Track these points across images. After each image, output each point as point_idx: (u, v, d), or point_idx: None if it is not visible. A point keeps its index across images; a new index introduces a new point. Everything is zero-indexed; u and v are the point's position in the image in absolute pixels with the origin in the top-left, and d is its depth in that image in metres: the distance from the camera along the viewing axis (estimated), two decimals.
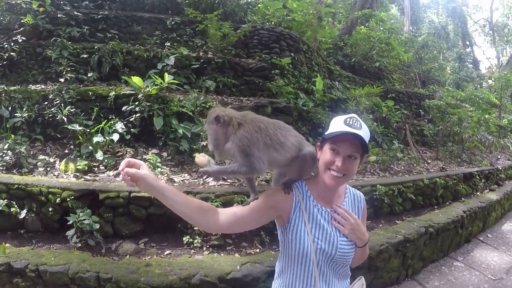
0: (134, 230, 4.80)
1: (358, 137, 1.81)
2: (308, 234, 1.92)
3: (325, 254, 1.94)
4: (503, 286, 5.49)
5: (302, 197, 2.00)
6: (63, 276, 3.82)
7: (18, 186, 4.82)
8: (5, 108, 6.31)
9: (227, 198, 4.93)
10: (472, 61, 31.96)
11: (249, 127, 2.06)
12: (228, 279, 3.95)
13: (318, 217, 1.97)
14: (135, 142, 6.25)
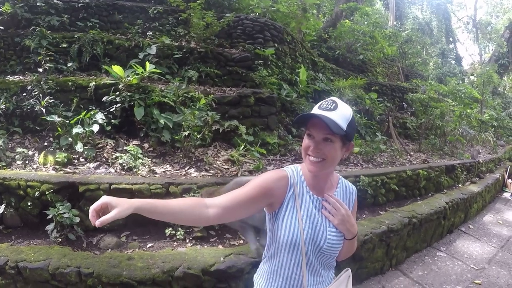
0: (116, 223, 4.69)
1: (326, 119, 1.71)
2: (299, 222, 1.86)
3: (313, 244, 1.89)
4: (485, 275, 5.58)
5: (296, 182, 1.93)
6: (43, 272, 3.73)
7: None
8: None
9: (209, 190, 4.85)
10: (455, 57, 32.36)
11: None
12: (212, 271, 3.90)
13: (310, 205, 1.92)
14: (116, 133, 6.11)
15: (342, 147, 1.82)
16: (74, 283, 3.73)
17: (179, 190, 4.77)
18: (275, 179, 1.89)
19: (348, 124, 1.77)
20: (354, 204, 2.11)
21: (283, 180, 1.90)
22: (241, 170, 5.55)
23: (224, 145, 6.39)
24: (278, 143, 6.76)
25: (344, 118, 1.76)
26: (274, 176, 1.90)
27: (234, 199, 1.81)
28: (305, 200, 1.92)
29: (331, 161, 1.81)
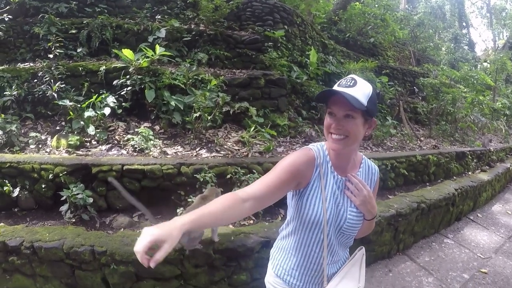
0: (128, 204, 4.68)
1: (346, 95, 1.69)
2: (323, 201, 1.88)
3: (334, 224, 1.93)
4: (491, 264, 5.52)
5: (322, 162, 1.92)
6: (58, 251, 3.75)
7: (10, 164, 4.70)
8: None
9: (220, 170, 4.86)
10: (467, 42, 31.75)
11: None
12: (222, 249, 3.93)
13: (334, 185, 1.93)
14: (127, 116, 6.11)
15: (364, 124, 1.80)
16: (88, 262, 3.76)
17: (190, 170, 4.76)
18: (303, 161, 1.88)
19: (368, 99, 1.74)
20: (376, 185, 2.11)
21: (311, 161, 1.90)
22: (251, 151, 5.52)
23: (234, 126, 6.35)
24: (288, 125, 6.70)
25: (364, 94, 1.74)
26: (302, 158, 1.89)
27: (267, 188, 1.78)
28: (329, 180, 1.92)
29: (354, 138, 1.80)
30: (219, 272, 4.01)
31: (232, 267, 4.06)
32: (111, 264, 3.72)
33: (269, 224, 4.59)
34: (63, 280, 3.88)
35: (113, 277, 3.77)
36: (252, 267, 4.13)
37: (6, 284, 3.94)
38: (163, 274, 3.81)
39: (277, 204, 5.16)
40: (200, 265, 3.91)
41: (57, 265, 3.82)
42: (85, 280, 3.83)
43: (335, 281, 2.02)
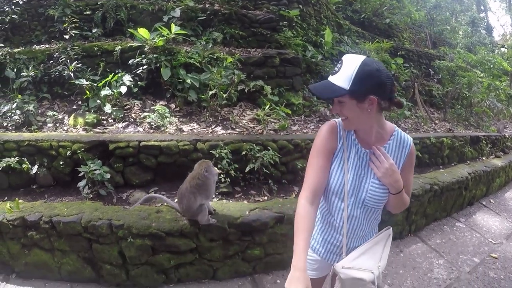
0: (144, 179, 4.71)
1: (318, 89, 1.85)
2: (345, 172, 1.92)
3: (356, 195, 1.95)
4: (502, 250, 5.41)
5: (346, 134, 1.97)
6: (76, 226, 3.77)
7: (29, 142, 4.73)
8: (11, 70, 6.13)
9: (235, 146, 4.82)
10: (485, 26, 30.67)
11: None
12: (237, 223, 3.91)
13: (356, 157, 1.95)
14: (143, 95, 6.07)
15: (358, 104, 1.77)
16: (105, 235, 3.77)
17: (206, 146, 4.71)
18: (327, 137, 1.96)
19: (352, 82, 1.71)
20: (407, 159, 2.01)
21: (334, 134, 1.97)
22: (266, 128, 5.44)
23: (249, 105, 6.26)
24: (303, 104, 6.58)
25: (346, 77, 1.72)
26: (325, 135, 1.97)
27: (316, 180, 1.92)
28: (352, 152, 1.95)
29: (353, 119, 1.83)
30: (233, 246, 4.00)
31: (246, 242, 4.04)
32: (128, 238, 3.72)
33: (283, 200, 4.54)
34: (80, 254, 3.90)
35: (129, 250, 3.77)
36: (266, 242, 4.11)
37: (25, 259, 3.97)
38: (179, 248, 3.80)
39: (291, 182, 5.13)
40: (215, 239, 3.90)
41: (75, 239, 3.84)
42: (102, 254, 3.84)
43: (353, 255, 2.00)
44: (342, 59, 1.78)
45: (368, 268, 1.96)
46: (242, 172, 4.77)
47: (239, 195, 4.67)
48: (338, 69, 1.77)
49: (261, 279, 4.11)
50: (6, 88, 6.02)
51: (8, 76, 6.05)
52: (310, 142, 5.25)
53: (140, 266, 3.85)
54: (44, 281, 3.91)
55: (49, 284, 3.88)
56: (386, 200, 1.98)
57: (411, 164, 2.04)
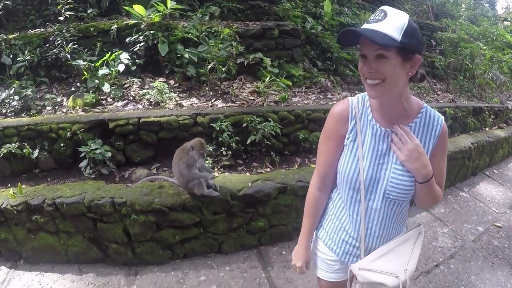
0: (146, 156, 4.59)
1: (369, 32, 1.35)
2: (360, 159, 1.60)
3: (375, 185, 1.61)
4: (506, 220, 5.31)
5: (361, 114, 1.64)
6: (79, 206, 3.68)
7: (28, 127, 4.61)
8: (7, 56, 5.97)
9: (236, 118, 4.67)
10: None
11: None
12: (240, 195, 3.80)
13: (373, 139, 1.61)
14: (141, 73, 5.90)
15: (403, 63, 1.41)
16: (108, 214, 3.67)
17: (206, 120, 4.56)
18: (335, 119, 1.69)
19: (403, 33, 1.35)
20: (439, 141, 1.61)
21: (344, 115, 1.67)
22: (266, 100, 5.27)
23: (249, 78, 6.06)
24: (304, 75, 6.37)
25: (397, 26, 1.36)
26: (335, 118, 1.69)
27: (325, 166, 1.77)
28: (368, 134, 1.62)
29: (392, 81, 1.43)
30: (237, 218, 3.89)
31: (250, 214, 3.93)
32: (132, 215, 3.62)
33: (286, 171, 4.41)
34: (85, 235, 3.82)
35: (133, 227, 3.68)
36: (270, 214, 4.01)
37: (31, 244, 3.89)
38: (183, 222, 3.71)
39: (294, 153, 4.97)
40: (219, 212, 3.79)
41: (79, 220, 3.75)
42: (107, 233, 3.76)
43: (374, 255, 1.70)
44: (382, 9, 1.42)
45: (392, 272, 1.66)
46: (243, 144, 4.63)
47: (241, 168, 4.55)
48: (381, 17, 1.39)
49: (266, 251, 4.02)
50: (3, 75, 5.87)
51: (4, 63, 5.90)
52: (311, 112, 5.09)
53: (145, 243, 3.77)
54: (52, 264, 3.87)
55: (57, 267, 3.83)
56: (412, 191, 1.59)
57: (443, 149, 1.63)
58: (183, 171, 3.56)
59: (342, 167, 1.66)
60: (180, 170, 3.59)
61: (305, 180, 4.05)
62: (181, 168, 3.57)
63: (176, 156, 3.69)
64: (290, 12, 7.11)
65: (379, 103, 1.59)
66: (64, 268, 3.81)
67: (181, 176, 3.61)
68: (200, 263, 3.81)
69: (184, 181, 3.61)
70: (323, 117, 5.10)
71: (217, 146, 4.56)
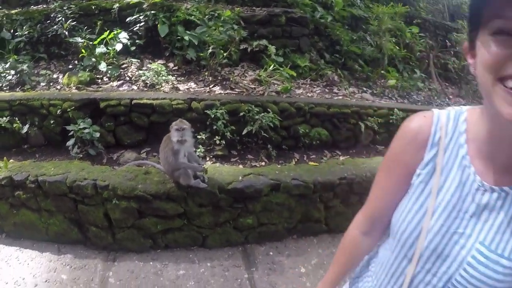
0: (136, 139, 4.41)
1: None
2: (427, 215, 0.98)
3: (438, 261, 0.98)
4: None
5: (449, 139, 1.01)
6: (61, 185, 3.52)
7: (20, 101, 4.49)
8: (7, 31, 5.81)
9: (233, 107, 4.43)
10: None
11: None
12: (228, 189, 3.55)
13: (459, 189, 0.98)
14: (141, 53, 5.66)
15: None
16: (90, 196, 3.50)
17: (201, 106, 4.33)
18: (407, 140, 1.08)
19: None
20: None
21: (421, 137, 1.05)
22: (268, 90, 4.99)
23: (252, 65, 5.78)
24: (310, 66, 6.06)
25: None
26: (407, 136, 1.09)
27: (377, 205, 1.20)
28: (454, 178, 0.99)
29: None
30: (224, 213, 3.65)
31: (239, 209, 3.68)
32: (113, 199, 3.43)
33: (281, 167, 4.15)
34: (66, 215, 3.67)
35: (114, 212, 3.49)
36: (260, 211, 3.75)
37: (13, 219, 3.79)
38: (166, 212, 3.50)
39: (292, 148, 4.72)
40: (205, 205, 3.55)
41: (60, 200, 3.60)
42: (88, 215, 3.59)
43: None
44: None
45: None
46: (239, 134, 4.39)
47: (235, 159, 4.31)
48: None
49: (253, 249, 3.78)
50: (3, 50, 5.67)
51: (4, 37, 5.72)
52: (314, 106, 4.81)
53: (126, 229, 3.58)
54: (33, 241, 3.77)
55: (37, 244, 3.74)
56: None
57: None
58: (169, 158, 3.34)
59: (398, 216, 1.07)
60: (166, 157, 3.37)
61: (301, 178, 3.79)
62: (168, 154, 3.34)
63: (164, 142, 3.47)
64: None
65: (489, 135, 0.94)
66: (44, 246, 3.71)
67: (167, 163, 3.39)
68: (181, 255, 3.60)
69: (170, 169, 3.39)
70: (326, 112, 4.85)
71: (211, 135, 4.32)
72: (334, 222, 4.09)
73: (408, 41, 8.88)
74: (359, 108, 5.09)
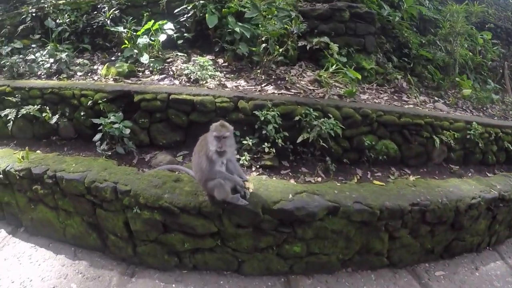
0: (173, 140, 3.83)
1: None
2: None
3: None
4: None
5: None
6: (78, 185, 3.09)
7: (52, 90, 4.22)
8: (51, 20, 5.55)
9: (287, 109, 3.73)
10: None
11: None
12: (274, 209, 2.84)
13: None
14: (189, 48, 5.16)
15: None
16: (109, 201, 3.00)
17: (249, 106, 3.68)
18: None
19: None
20: None
21: None
22: (329, 93, 4.24)
23: (311, 65, 5.07)
24: (376, 70, 5.22)
25: None
26: None
27: None
28: None
29: None
30: (267, 237, 2.96)
31: (285, 234, 2.97)
32: (134, 208, 2.86)
33: (341, 185, 3.40)
34: (84, 218, 3.27)
35: (135, 222, 2.94)
36: (311, 238, 3.04)
37: (31, 214, 3.48)
38: (194, 229, 2.86)
39: (354, 162, 3.97)
40: (243, 226, 2.89)
41: (77, 200, 3.21)
42: (106, 222, 3.11)
43: None
44: None
45: None
46: (292, 142, 3.66)
47: (286, 172, 3.58)
48: None
49: (297, 281, 3.09)
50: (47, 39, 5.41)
51: (48, 26, 5.46)
52: (383, 114, 4.02)
53: (148, 243, 3.04)
54: (49, 240, 3.45)
55: (53, 245, 3.39)
56: None
57: None
58: (202, 164, 2.66)
59: None
60: (199, 162, 2.70)
61: (365, 202, 3.03)
62: (202, 160, 2.67)
63: (199, 143, 2.81)
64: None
65: None
66: (60, 247, 3.34)
67: (199, 169, 2.72)
68: (211, 280, 2.98)
69: (203, 178, 2.71)
70: (397, 122, 4.05)
71: (259, 141, 3.63)
72: (398, 256, 3.36)
73: (480, 48, 7.78)
74: (433, 119, 4.27)
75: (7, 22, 5.98)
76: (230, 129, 2.64)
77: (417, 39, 6.28)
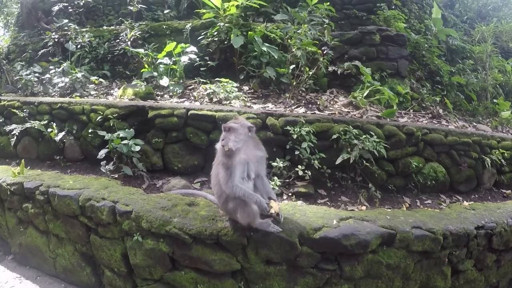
0: (190, 164, 3.17)
1: None
2: None
3: None
4: None
5: None
6: (71, 203, 2.49)
7: (61, 105, 3.81)
8: (72, 43, 5.32)
9: (323, 126, 3.05)
10: None
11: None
12: (315, 238, 2.08)
13: None
14: (212, 77, 4.54)
15: None
16: (105, 224, 2.33)
17: (280, 123, 3.02)
18: None
19: None
20: None
21: None
22: (366, 114, 3.56)
23: (342, 91, 4.47)
24: (411, 95, 4.56)
25: None
26: None
27: None
28: None
29: None
30: (304, 278, 2.14)
31: (328, 273, 2.15)
32: (135, 234, 2.14)
33: (393, 211, 2.66)
34: (77, 247, 2.63)
35: (135, 254, 2.23)
36: (360, 277, 2.22)
37: (19, 238, 3.06)
38: (211, 265, 2.09)
39: (401, 189, 3.16)
40: (274, 261, 2.11)
41: (70, 223, 2.59)
42: (101, 252, 2.42)
43: None
44: None
45: None
46: (330, 166, 2.94)
47: (323, 201, 2.84)
48: None
49: None
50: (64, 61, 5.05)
51: (68, 49, 5.27)
52: (428, 132, 3.30)
53: (151, 283, 2.28)
54: (38, 272, 2.99)
55: (41, 278, 2.90)
56: None
57: None
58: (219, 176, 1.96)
59: None
60: (216, 174, 2.01)
61: (426, 226, 2.29)
62: (219, 170, 1.98)
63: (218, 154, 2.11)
64: (391, 21, 5.53)
65: None
66: (48, 282, 2.83)
67: (217, 184, 2.02)
68: None
69: (222, 196, 2.00)
70: (443, 141, 3.32)
71: (291, 164, 2.92)
72: None
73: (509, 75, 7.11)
74: (480, 138, 3.57)
75: (29, 47, 5.90)
76: (241, 121, 2.02)
77: (448, 67, 5.70)
